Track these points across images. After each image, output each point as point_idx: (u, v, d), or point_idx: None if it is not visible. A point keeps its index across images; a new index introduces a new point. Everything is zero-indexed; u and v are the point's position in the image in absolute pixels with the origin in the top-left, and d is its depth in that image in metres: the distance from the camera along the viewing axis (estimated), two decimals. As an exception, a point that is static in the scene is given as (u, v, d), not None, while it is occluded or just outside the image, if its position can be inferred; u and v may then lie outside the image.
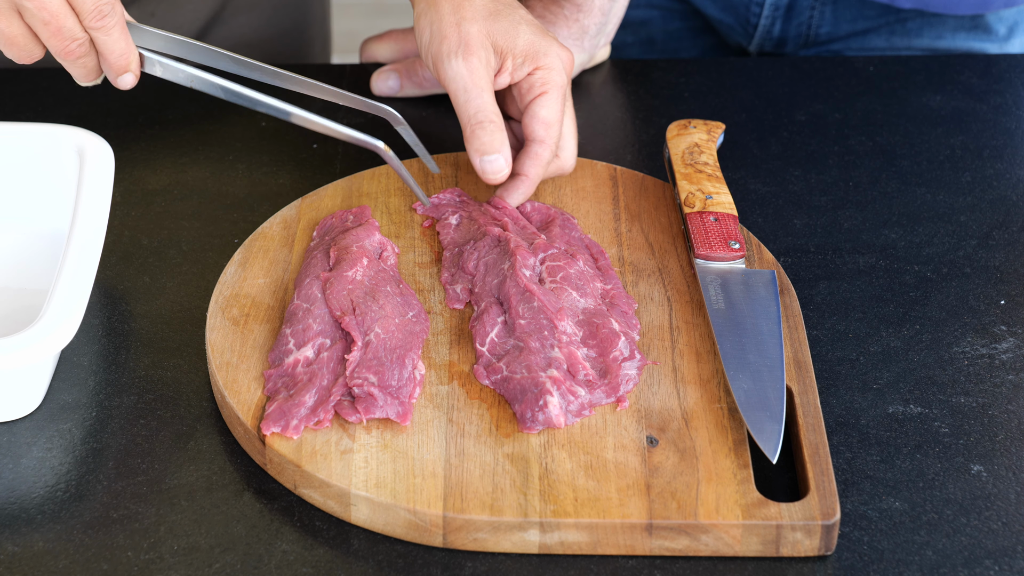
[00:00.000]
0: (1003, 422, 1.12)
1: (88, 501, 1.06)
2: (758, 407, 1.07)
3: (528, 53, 1.20)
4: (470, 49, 1.18)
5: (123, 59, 1.14)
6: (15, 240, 1.24)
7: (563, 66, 1.22)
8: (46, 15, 1.10)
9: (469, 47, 1.18)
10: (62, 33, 1.11)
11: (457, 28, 1.18)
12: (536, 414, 1.07)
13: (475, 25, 1.18)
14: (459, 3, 1.19)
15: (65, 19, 1.11)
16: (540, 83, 1.21)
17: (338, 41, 2.17)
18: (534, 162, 1.21)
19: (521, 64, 1.21)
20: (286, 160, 1.35)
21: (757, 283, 1.17)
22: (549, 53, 1.21)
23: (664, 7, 1.65)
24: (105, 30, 1.12)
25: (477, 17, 1.19)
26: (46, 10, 1.10)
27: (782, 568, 1.02)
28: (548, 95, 1.21)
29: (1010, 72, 1.47)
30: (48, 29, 1.11)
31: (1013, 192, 1.33)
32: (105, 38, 1.12)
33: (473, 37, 1.18)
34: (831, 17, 1.56)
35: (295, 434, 1.06)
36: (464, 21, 1.18)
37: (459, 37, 1.18)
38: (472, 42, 1.18)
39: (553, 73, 1.21)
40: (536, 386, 1.08)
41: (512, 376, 1.09)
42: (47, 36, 1.12)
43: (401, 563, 1.03)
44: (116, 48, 1.13)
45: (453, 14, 1.18)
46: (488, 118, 1.18)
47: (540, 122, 1.21)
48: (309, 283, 1.15)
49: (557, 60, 1.21)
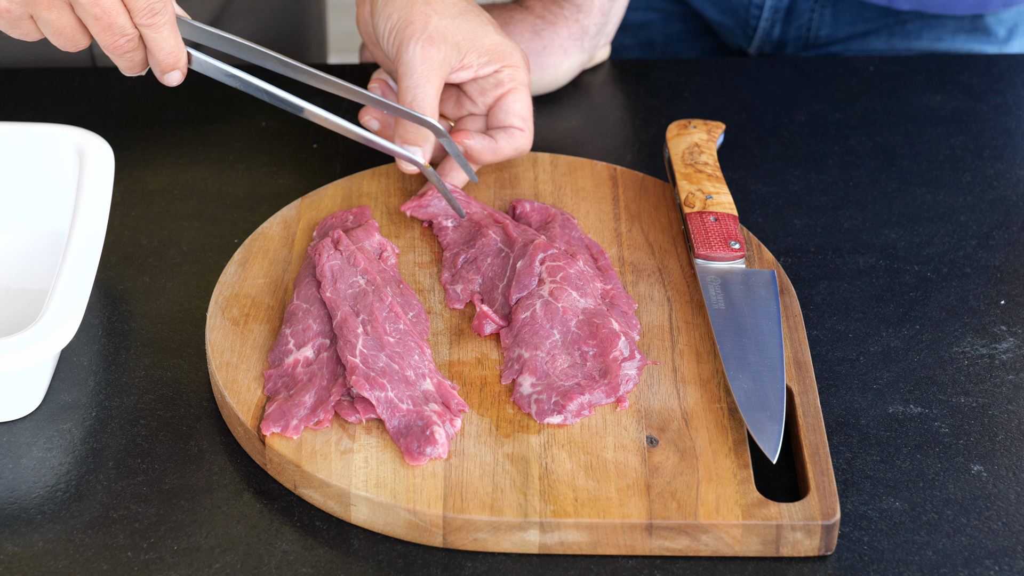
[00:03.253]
0: (1003, 422, 1.12)
1: (88, 501, 1.06)
2: (758, 407, 1.07)
3: (493, 52, 1.24)
4: (432, 40, 1.20)
5: (171, 56, 1.14)
6: (15, 240, 1.24)
7: (526, 65, 1.26)
8: (98, 11, 1.10)
9: (432, 38, 1.20)
10: (112, 29, 1.11)
11: (425, 19, 1.20)
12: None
13: (444, 20, 1.21)
14: None
15: (117, 15, 1.10)
16: (509, 79, 1.24)
17: (338, 41, 2.17)
18: (509, 140, 1.24)
19: (487, 62, 1.23)
20: (286, 160, 1.35)
21: (757, 283, 1.17)
22: (515, 53, 1.25)
23: (664, 10, 1.65)
24: (156, 27, 1.12)
25: (446, 13, 1.21)
26: (99, 6, 1.09)
27: (782, 568, 1.02)
28: (518, 91, 1.25)
29: (1010, 72, 1.47)
30: (99, 24, 1.11)
31: (1013, 192, 1.33)
32: (155, 35, 1.12)
33: (439, 30, 1.21)
34: (830, 19, 1.56)
35: (295, 434, 1.06)
36: (435, 14, 1.21)
37: (425, 26, 1.20)
38: (436, 35, 1.20)
39: (519, 72, 1.25)
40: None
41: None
42: (98, 31, 1.11)
43: (401, 563, 1.02)
44: (165, 46, 1.13)
45: (425, 5, 1.21)
46: (420, 108, 1.19)
47: (516, 115, 1.25)
48: (309, 283, 1.15)
49: (520, 60, 1.25)
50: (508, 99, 1.25)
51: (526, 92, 1.25)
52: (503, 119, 1.25)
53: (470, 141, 1.23)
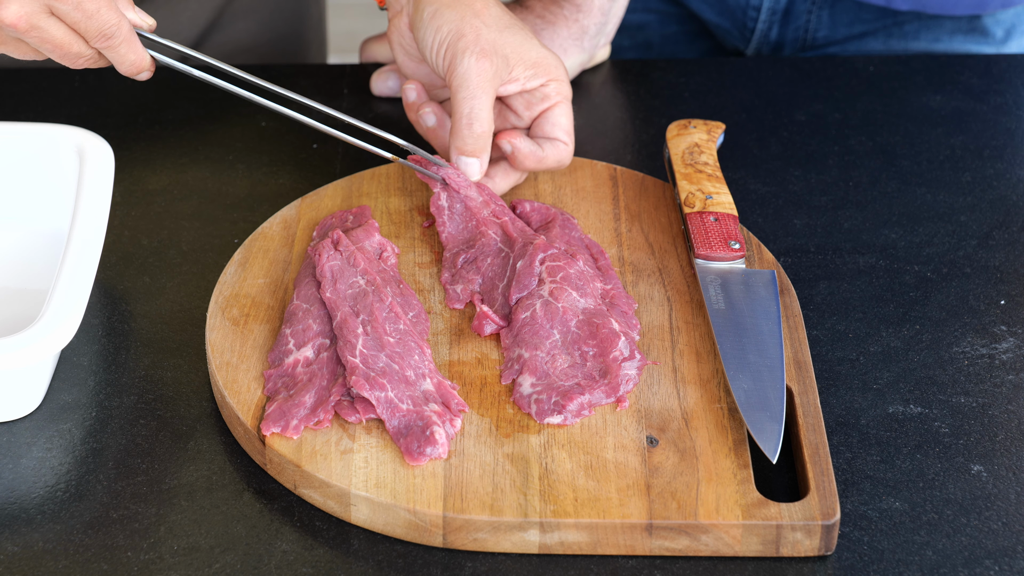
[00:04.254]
0: (1003, 422, 1.12)
1: (88, 501, 1.06)
2: (758, 407, 1.07)
3: (540, 65, 1.24)
4: (485, 52, 1.20)
5: (134, 67, 1.17)
6: (15, 240, 1.24)
7: (568, 78, 1.26)
8: (49, 46, 1.13)
9: (484, 51, 1.20)
10: (69, 56, 1.14)
11: (477, 32, 1.21)
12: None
13: (493, 33, 1.22)
14: (479, 9, 1.22)
15: (71, 45, 1.14)
16: (555, 93, 1.25)
17: (338, 41, 2.17)
18: (554, 150, 1.25)
19: (533, 75, 1.24)
20: (286, 160, 1.35)
21: (757, 283, 1.17)
22: (559, 67, 1.25)
23: (661, 11, 1.65)
24: (111, 49, 1.15)
25: (495, 26, 1.22)
26: (49, 42, 1.13)
27: (782, 568, 1.02)
28: (564, 105, 1.25)
29: (1010, 72, 1.47)
30: (57, 52, 1.14)
31: (1013, 192, 1.33)
32: (113, 54, 1.15)
33: (490, 43, 1.21)
34: (828, 21, 1.56)
35: (295, 434, 1.06)
36: (484, 27, 1.21)
37: (477, 39, 1.21)
38: (488, 47, 1.21)
39: (564, 86, 1.25)
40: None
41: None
42: (57, 57, 1.14)
43: (401, 563, 1.02)
44: (125, 61, 1.16)
45: (474, 17, 1.21)
46: (478, 121, 1.20)
47: (562, 129, 1.25)
48: (309, 283, 1.15)
49: (564, 74, 1.26)
50: (554, 112, 1.25)
51: (569, 106, 1.25)
52: (548, 131, 1.25)
53: (519, 142, 1.23)
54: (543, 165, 1.24)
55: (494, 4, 1.23)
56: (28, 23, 1.11)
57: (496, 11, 1.23)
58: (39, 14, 1.11)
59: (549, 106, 1.25)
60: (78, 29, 1.12)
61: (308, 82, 1.45)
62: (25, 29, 1.11)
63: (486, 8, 1.22)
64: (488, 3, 1.23)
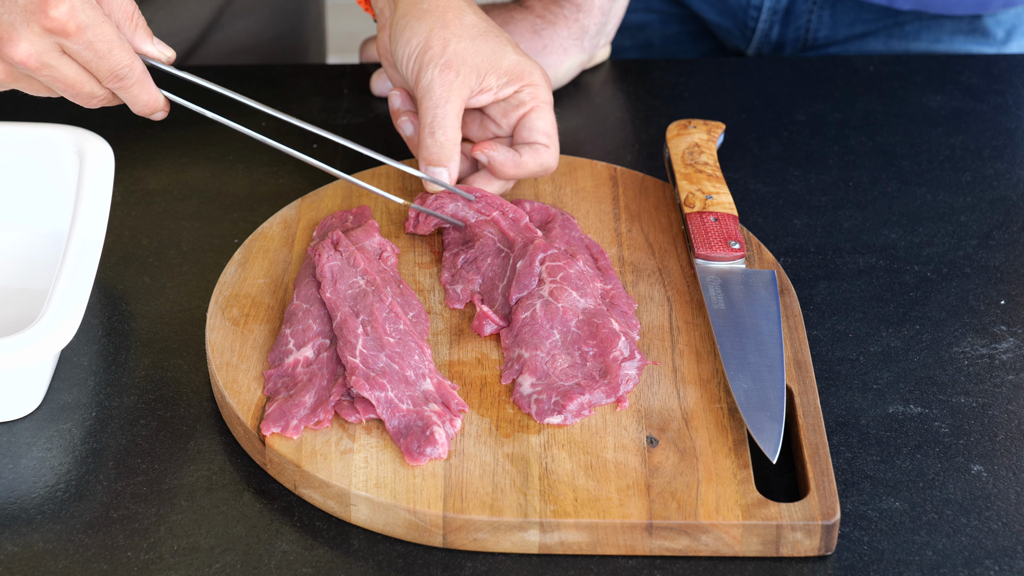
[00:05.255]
0: (1003, 422, 1.12)
1: (88, 501, 1.06)
2: (758, 407, 1.07)
3: (513, 72, 1.23)
4: (451, 64, 1.20)
5: (148, 108, 1.16)
6: (15, 240, 1.24)
7: (548, 85, 1.24)
8: (62, 86, 1.13)
9: (451, 62, 1.20)
10: (82, 96, 1.14)
11: (444, 43, 1.20)
12: None
13: (462, 43, 1.21)
14: (450, 19, 1.21)
15: (84, 85, 1.13)
16: (530, 98, 1.23)
17: (338, 41, 2.17)
18: (534, 156, 1.23)
19: (506, 83, 1.23)
20: (286, 160, 1.35)
21: (757, 283, 1.17)
22: (534, 72, 1.24)
23: (662, 11, 1.65)
24: (125, 89, 1.14)
25: (465, 36, 1.21)
26: (62, 82, 1.12)
27: (782, 568, 1.02)
28: (541, 109, 1.23)
29: (1010, 72, 1.47)
30: (70, 92, 1.14)
31: (1013, 192, 1.33)
32: (127, 94, 1.15)
33: (457, 54, 1.20)
34: (829, 21, 1.56)
35: (295, 434, 1.06)
36: (452, 38, 1.21)
37: (443, 50, 1.20)
38: (455, 59, 1.20)
39: (540, 90, 1.23)
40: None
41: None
42: (70, 96, 1.14)
43: (401, 563, 1.03)
44: (139, 101, 1.16)
45: (443, 28, 1.21)
46: (441, 129, 1.20)
47: (541, 132, 1.23)
48: (309, 283, 1.15)
49: (541, 78, 1.24)
50: (531, 117, 1.23)
51: (548, 110, 1.24)
52: (527, 136, 1.24)
53: (494, 152, 1.22)
54: (524, 171, 1.23)
55: (469, 12, 1.22)
56: (39, 61, 1.10)
57: (470, 20, 1.22)
58: (50, 52, 1.10)
59: (526, 112, 1.23)
60: (89, 69, 1.12)
61: (308, 82, 1.45)
62: (36, 67, 1.10)
63: (458, 18, 1.21)
64: (462, 11, 1.22)
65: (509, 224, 1.20)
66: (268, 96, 1.42)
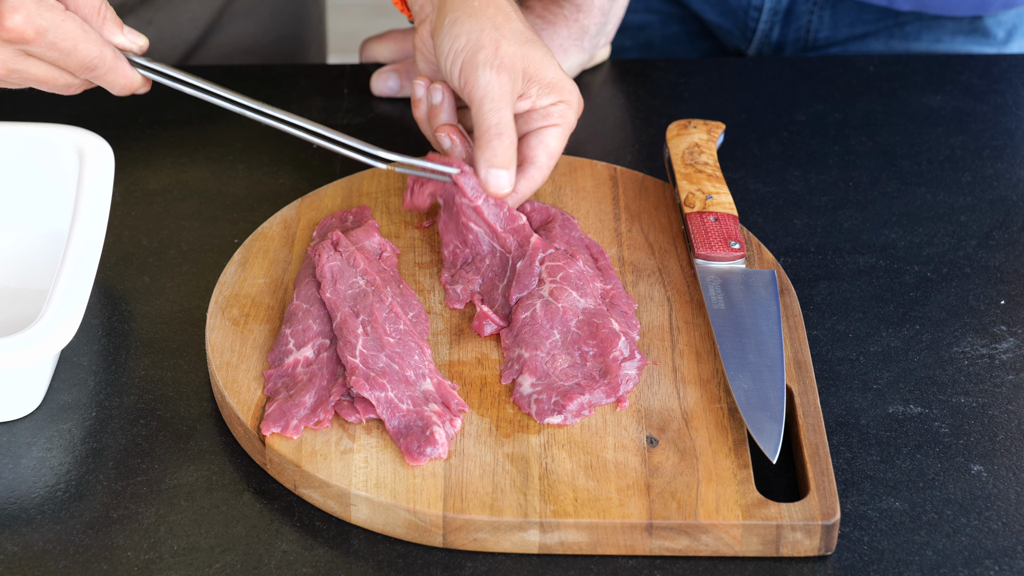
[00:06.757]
0: (1003, 422, 1.12)
1: (88, 501, 1.06)
2: (758, 407, 1.07)
3: (554, 85, 1.21)
4: (503, 66, 1.19)
5: (125, 89, 1.17)
6: (15, 240, 1.24)
7: (578, 107, 1.23)
8: (35, 83, 1.14)
9: (503, 64, 1.19)
10: (57, 86, 1.16)
11: (496, 43, 1.19)
12: None
13: (512, 47, 1.20)
14: (500, 22, 1.20)
15: (58, 78, 1.15)
16: (558, 115, 1.22)
17: (338, 41, 2.17)
18: (527, 183, 1.21)
19: (546, 93, 1.21)
20: (286, 160, 1.35)
21: (757, 283, 1.17)
22: (573, 91, 1.22)
23: (662, 11, 1.65)
24: (99, 78, 1.15)
25: (515, 40, 1.20)
26: (33, 80, 1.14)
27: (782, 568, 1.02)
28: (561, 128, 1.22)
29: (1010, 72, 1.47)
30: (46, 86, 1.15)
31: (1013, 192, 1.33)
32: (101, 81, 1.16)
33: (508, 57, 1.19)
34: (829, 21, 1.56)
35: (295, 434, 1.06)
36: (504, 39, 1.19)
37: (496, 51, 1.19)
38: (507, 60, 1.19)
39: (571, 111, 1.22)
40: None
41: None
42: (47, 88, 1.15)
43: (401, 563, 1.03)
44: (115, 85, 1.17)
45: (495, 30, 1.20)
46: (507, 132, 1.18)
47: (546, 150, 1.22)
48: (309, 283, 1.15)
49: (577, 100, 1.23)
50: (549, 132, 1.21)
51: (566, 131, 1.22)
52: (531, 148, 1.22)
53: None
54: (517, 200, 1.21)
55: (516, 19, 1.22)
56: (6, 68, 1.12)
57: (518, 26, 1.21)
58: (16, 59, 1.12)
59: (547, 125, 1.22)
60: (59, 66, 1.13)
61: (308, 82, 1.45)
62: (5, 74, 1.12)
63: (507, 22, 1.21)
64: (510, 17, 1.21)
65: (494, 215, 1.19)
66: (268, 96, 1.42)
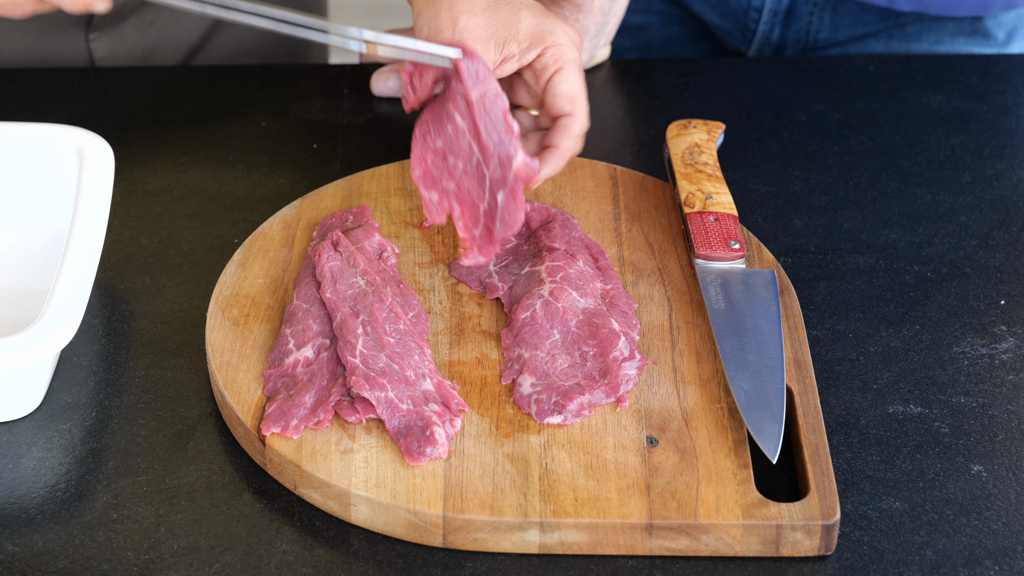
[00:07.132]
0: (1003, 422, 1.12)
1: (88, 501, 1.06)
2: (758, 407, 1.07)
3: (533, 36, 1.18)
4: (462, 42, 1.16)
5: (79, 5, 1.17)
6: (15, 240, 1.24)
7: (572, 41, 1.19)
8: None
9: (462, 40, 1.16)
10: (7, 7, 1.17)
11: (453, 23, 1.16)
12: None
13: (472, 18, 1.17)
14: (455, 1, 1.18)
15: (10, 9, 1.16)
16: (553, 60, 1.18)
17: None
18: (564, 133, 1.18)
19: (527, 48, 1.18)
20: (286, 160, 1.35)
21: (757, 283, 1.17)
22: (555, 31, 1.18)
23: (663, 12, 1.65)
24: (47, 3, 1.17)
25: (475, 11, 1.17)
26: None
27: (782, 568, 1.02)
28: (564, 70, 1.18)
29: (1010, 72, 1.47)
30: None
31: (1013, 192, 1.33)
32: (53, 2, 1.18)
33: (468, 32, 1.16)
34: (830, 22, 1.56)
35: (295, 434, 1.06)
36: (461, 15, 1.16)
37: (454, 33, 1.16)
38: (467, 37, 1.16)
39: (563, 49, 1.18)
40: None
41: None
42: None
43: (401, 563, 1.02)
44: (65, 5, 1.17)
45: (449, 10, 1.17)
46: None
47: (563, 97, 1.18)
48: (309, 283, 1.15)
49: (565, 36, 1.19)
50: (555, 82, 1.18)
51: (573, 69, 1.18)
52: (552, 105, 1.18)
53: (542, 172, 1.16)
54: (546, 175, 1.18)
55: None
56: None
57: None
58: None
59: (550, 76, 1.18)
60: None
61: (308, 82, 1.45)
62: None
63: None
64: None
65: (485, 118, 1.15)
66: (268, 96, 1.42)
